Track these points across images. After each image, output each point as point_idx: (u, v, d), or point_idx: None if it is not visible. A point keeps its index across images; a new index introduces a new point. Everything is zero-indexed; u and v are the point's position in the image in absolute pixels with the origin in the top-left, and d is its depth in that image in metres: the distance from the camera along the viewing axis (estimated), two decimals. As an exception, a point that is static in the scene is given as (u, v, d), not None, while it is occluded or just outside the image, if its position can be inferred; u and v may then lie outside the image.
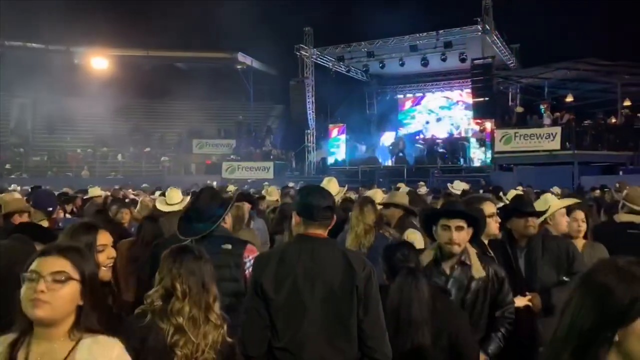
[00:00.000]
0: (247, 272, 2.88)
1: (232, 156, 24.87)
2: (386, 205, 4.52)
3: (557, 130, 16.93)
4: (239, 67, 28.61)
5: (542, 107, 18.40)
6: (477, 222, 2.93)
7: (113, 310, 2.49)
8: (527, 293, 3.27)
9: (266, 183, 14.78)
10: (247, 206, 4.98)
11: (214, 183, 14.59)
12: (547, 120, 17.74)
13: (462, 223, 2.84)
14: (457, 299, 2.83)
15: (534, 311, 3.24)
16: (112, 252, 2.46)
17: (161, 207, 5.35)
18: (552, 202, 4.11)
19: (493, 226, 3.46)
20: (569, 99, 19.71)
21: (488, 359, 2.80)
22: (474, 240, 3.01)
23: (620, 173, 15.96)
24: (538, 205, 3.99)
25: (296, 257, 2.36)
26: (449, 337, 2.49)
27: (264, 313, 2.31)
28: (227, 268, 2.89)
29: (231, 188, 9.79)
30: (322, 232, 2.42)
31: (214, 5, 24.15)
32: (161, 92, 28.45)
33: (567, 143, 16.65)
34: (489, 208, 3.48)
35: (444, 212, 2.94)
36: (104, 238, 2.42)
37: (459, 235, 2.82)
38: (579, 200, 4.49)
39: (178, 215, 3.48)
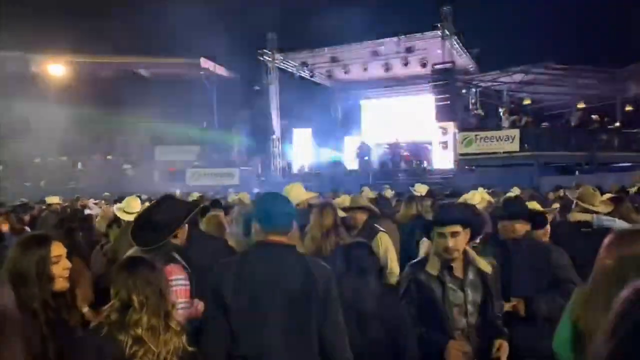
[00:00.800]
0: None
1: (196, 163, 24.57)
2: (350, 209, 4.54)
3: (516, 132, 17.40)
4: (201, 72, 28.29)
5: (501, 110, 18.89)
6: (472, 223, 2.91)
7: (69, 324, 2.44)
8: (512, 298, 3.25)
9: (231, 190, 14.66)
10: (222, 214, 4.97)
11: (177, 191, 14.36)
12: (505, 123, 18.22)
13: (457, 228, 2.82)
14: (475, 299, 2.85)
15: (513, 317, 3.22)
16: (67, 263, 2.43)
17: (121, 215, 5.26)
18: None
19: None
20: (527, 102, 20.34)
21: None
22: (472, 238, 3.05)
23: (577, 173, 16.52)
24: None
25: (256, 264, 2.35)
26: (396, 331, 2.65)
27: (223, 322, 2.29)
28: None
29: (194, 195, 9.67)
30: (283, 239, 2.42)
31: (175, 10, 23.89)
32: (122, 98, 27.81)
33: (525, 145, 17.13)
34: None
35: (439, 221, 2.92)
36: (58, 249, 2.39)
37: (456, 241, 2.81)
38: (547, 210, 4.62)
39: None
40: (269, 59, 22.85)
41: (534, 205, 3.89)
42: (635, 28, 23.69)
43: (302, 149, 25.56)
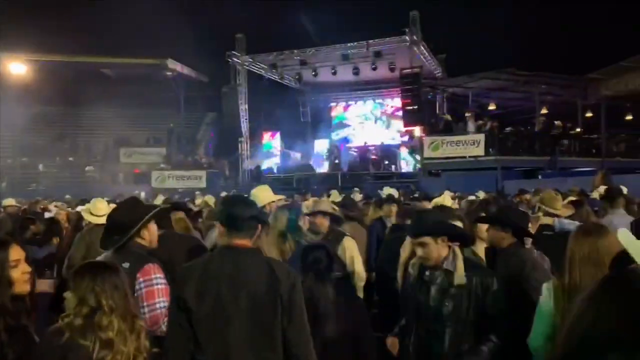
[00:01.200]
0: (137, 294, 2.73)
1: (162, 165, 24.20)
2: (312, 214, 4.51)
3: (481, 137, 17.73)
4: (168, 73, 27.89)
5: (467, 115, 19.23)
6: (446, 234, 2.90)
7: (29, 330, 2.37)
8: None
9: (198, 192, 14.50)
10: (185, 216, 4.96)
11: (142, 194, 14.12)
12: (471, 128, 18.55)
13: (424, 239, 2.86)
14: (436, 303, 2.86)
15: None
16: (26, 267, 2.38)
17: (87, 217, 5.16)
18: None
19: None
20: (492, 107, 20.75)
21: None
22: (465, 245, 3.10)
23: (539, 177, 16.95)
24: None
25: (220, 268, 2.33)
26: (352, 331, 2.73)
27: (186, 326, 2.27)
28: None
29: (160, 198, 9.51)
30: (247, 242, 2.41)
31: (142, 10, 23.48)
32: (86, 99, 27.21)
33: (490, 149, 17.48)
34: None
35: (409, 234, 3.07)
36: (16, 253, 2.34)
37: (424, 251, 2.86)
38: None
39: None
40: (238, 60, 22.69)
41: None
42: (595, 37, 24.53)
43: (271, 152, 25.48)
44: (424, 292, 2.91)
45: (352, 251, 4.40)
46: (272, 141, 25.79)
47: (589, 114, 20.47)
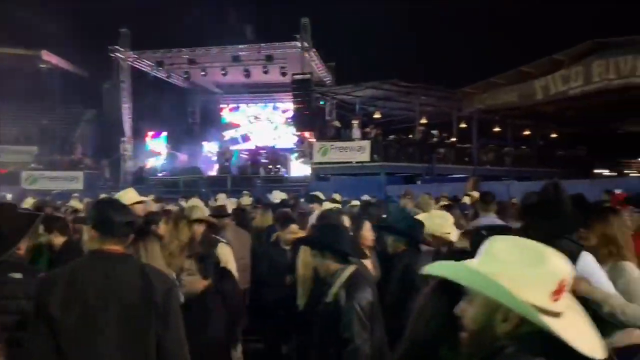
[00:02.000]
0: None
1: (33, 165, 22.19)
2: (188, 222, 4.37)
3: (367, 143, 18.49)
4: (43, 66, 25.70)
5: (354, 122, 19.92)
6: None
7: None
8: None
9: (76, 194, 13.52)
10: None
11: (8, 196, 12.85)
12: (357, 134, 19.25)
13: (312, 252, 2.98)
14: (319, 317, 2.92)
15: None
16: None
17: None
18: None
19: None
20: (377, 115, 21.68)
21: None
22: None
23: (419, 182, 18.01)
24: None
25: (88, 276, 2.20)
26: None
27: (50, 339, 2.10)
28: (14, 300, 2.57)
29: (29, 201, 8.70)
30: (120, 248, 2.30)
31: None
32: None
33: (375, 155, 18.26)
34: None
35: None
36: None
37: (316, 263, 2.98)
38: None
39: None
40: (121, 56, 21.52)
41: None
42: (468, 54, 26.72)
43: (156, 153, 24.44)
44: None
45: (226, 258, 4.39)
46: (157, 141, 24.76)
47: (463, 125, 22.13)
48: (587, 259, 2.60)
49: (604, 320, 2.51)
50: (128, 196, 4.74)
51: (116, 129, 21.89)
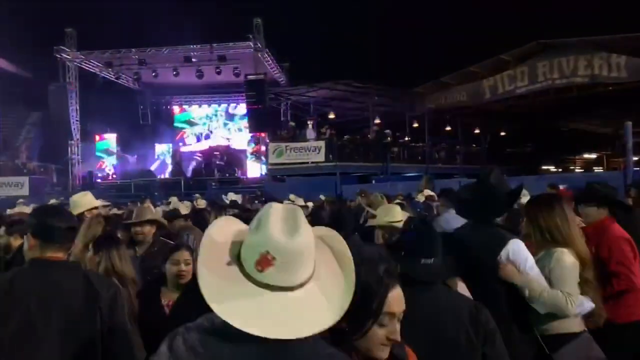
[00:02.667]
0: None
1: (-27, 170, 21.14)
2: (139, 223, 4.24)
3: (322, 144, 18.59)
4: (-18, 66, 24.50)
5: (309, 122, 19.98)
6: None
7: None
8: None
9: (21, 201, 12.95)
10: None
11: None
12: (312, 135, 19.32)
13: None
14: None
15: None
16: None
17: None
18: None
19: None
20: (331, 115, 21.82)
21: None
22: None
23: (373, 182, 18.22)
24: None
25: (28, 284, 2.12)
26: None
27: None
28: None
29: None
30: (62, 255, 2.23)
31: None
32: None
33: (330, 156, 18.38)
34: None
35: None
36: None
37: None
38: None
39: None
40: (68, 56, 20.79)
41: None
42: (421, 55, 27.25)
43: (106, 156, 23.76)
44: None
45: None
46: (107, 144, 24.06)
47: (415, 125, 22.56)
48: (516, 245, 2.69)
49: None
50: (84, 200, 4.50)
51: (63, 132, 21.11)
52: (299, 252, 1.16)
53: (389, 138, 19.78)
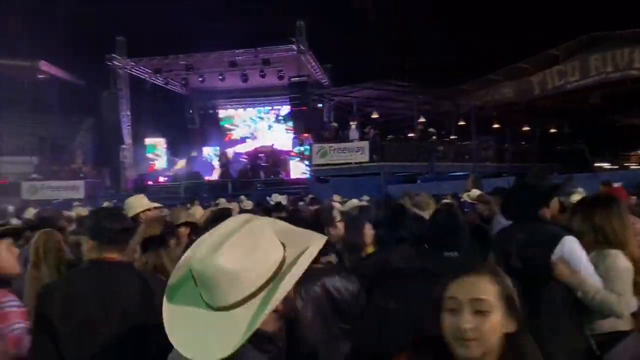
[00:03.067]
0: None
1: (34, 175, 22.25)
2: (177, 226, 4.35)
3: (365, 144, 18.52)
4: (41, 76, 25.71)
5: (352, 123, 19.95)
6: None
7: None
8: None
9: (76, 203, 13.59)
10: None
11: (10, 207, 12.89)
12: (355, 135, 19.28)
13: None
14: None
15: None
16: None
17: None
18: None
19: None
20: (375, 115, 21.68)
21: None
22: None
23: (419, 182, 18.01)
24: None
25: (88, 284, 2.22)
26: None
27: (51, 348, 2.11)
28: None
29: (31, 212, 8.74)
30: (117, 256, 2.32)
31: (13, 7, 21.45)
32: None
33: (374, 156, 18.28)
34: None
35: None
36: None
37: None
38: None
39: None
40: (119, 64, 21.58)
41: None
42: (466, 52, 26.69)
43: (156, 159, 24.48)
44: None
45: None
46: (157, 148, 24.78)
47: (461, 123, 22.13)
48: (570, 243, 2.65)
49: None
50: (137, 202, 4.62)
51: (115, 137, 21.93)
52: (211, 274, 1.13)
53: (433, 137, 19.49)
